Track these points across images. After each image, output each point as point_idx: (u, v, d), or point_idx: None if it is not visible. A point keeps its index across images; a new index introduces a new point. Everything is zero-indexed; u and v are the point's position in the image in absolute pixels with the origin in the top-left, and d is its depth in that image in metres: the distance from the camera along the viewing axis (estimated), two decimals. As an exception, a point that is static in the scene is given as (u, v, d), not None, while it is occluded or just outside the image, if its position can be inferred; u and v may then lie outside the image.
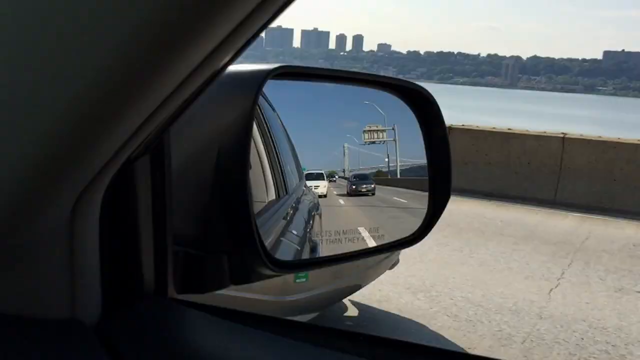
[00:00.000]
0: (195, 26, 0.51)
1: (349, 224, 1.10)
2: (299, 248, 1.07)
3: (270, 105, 1.05)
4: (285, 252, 1.02)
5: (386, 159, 1.15)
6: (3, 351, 0.65)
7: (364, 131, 1.11)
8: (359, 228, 1.10)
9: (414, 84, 1.19)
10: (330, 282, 4.17)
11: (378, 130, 1.11)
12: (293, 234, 1.07)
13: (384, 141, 1.13)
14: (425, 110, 1.19)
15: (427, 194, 1.15)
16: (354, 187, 1.14)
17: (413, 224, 1.16)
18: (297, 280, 3.86)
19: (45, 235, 0.65)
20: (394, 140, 1.14)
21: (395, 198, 1.22)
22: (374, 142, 1.11)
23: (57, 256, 0.67)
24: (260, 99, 0.93)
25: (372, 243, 1.12)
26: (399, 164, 1.17)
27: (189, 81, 0.58)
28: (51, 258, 0.67)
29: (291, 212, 1.12)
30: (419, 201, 1.17)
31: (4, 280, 0.67)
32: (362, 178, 1.16)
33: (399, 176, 1.18)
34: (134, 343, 0.70)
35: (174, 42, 0.52)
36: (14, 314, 0.67)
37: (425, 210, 1.16)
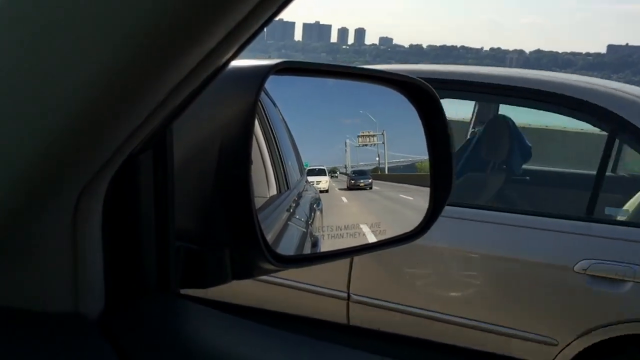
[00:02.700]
0: (198, 22, 0.51)
1: (337, 203, 1.18)
2: (300, 243, 1.07)
3: (272, 100, 1.05)
4: (287, 247, 1.02)
5: (377, 158, 1.28)
6: (8, 344, 0.65)
7: (358, 136, 1.21)
8: (342, 198, 1.19)
9: (415, 78, 1.19)
10: None
11: (370, 136, 1.24)
12: (294, 229, 1.08)
13: (375, 144, 1.25)
14: (427, 104, 1.20)
15: (414, 187, 1.24)
16: (352, 181, 1.20)
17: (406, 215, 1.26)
18: None
19: (49, 230, 0.66)
20: (383, 143, 1.27)
21: (382, 191, 1.33)
22: (366, 145, 1.23)
23: (60, 251, 0.67)
24: (262, 94, 0.93)
25: (373, 238, 1.13)
26: (387, 163, 1.30)
27: (192, 77, 0.58)
28: (55, 253, 0.67)
29: (292, 206, 1.12)
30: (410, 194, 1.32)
31: (8, 274, 0.67)
32: (360, 174, 1.23)
33: (386, 172, 1.31)
34: (136, 337, 0.70)
35: (177, 38, 0.52)
36: (18, 307, 0.68)
37: (410, 200, 1.26)
